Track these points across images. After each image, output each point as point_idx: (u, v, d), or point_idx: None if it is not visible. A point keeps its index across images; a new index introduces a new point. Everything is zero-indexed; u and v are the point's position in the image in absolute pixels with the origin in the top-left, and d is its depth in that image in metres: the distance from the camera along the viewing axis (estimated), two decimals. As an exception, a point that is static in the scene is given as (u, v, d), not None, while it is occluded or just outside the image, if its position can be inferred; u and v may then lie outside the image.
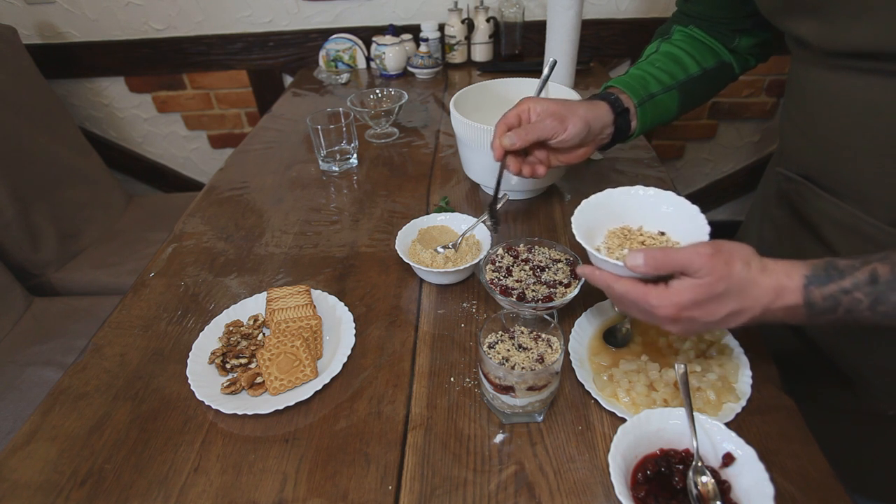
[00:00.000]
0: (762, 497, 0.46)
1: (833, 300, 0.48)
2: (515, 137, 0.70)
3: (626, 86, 0.77)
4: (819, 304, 0.49)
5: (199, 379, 0.67)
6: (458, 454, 0.59)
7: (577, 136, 0.71)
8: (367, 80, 1.63)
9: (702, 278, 0.49)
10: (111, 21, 1.73)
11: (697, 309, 0.50)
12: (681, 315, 0.50)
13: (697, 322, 0.51)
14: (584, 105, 0.73)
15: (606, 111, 0.74)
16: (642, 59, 0.83)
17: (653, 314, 0.52)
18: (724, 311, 0.50)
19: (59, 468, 0.60)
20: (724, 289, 0.49)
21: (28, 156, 1.43)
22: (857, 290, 0.47)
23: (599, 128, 0.73)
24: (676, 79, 0.78)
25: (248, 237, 0.95)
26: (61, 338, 1.21)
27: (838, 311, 0.48)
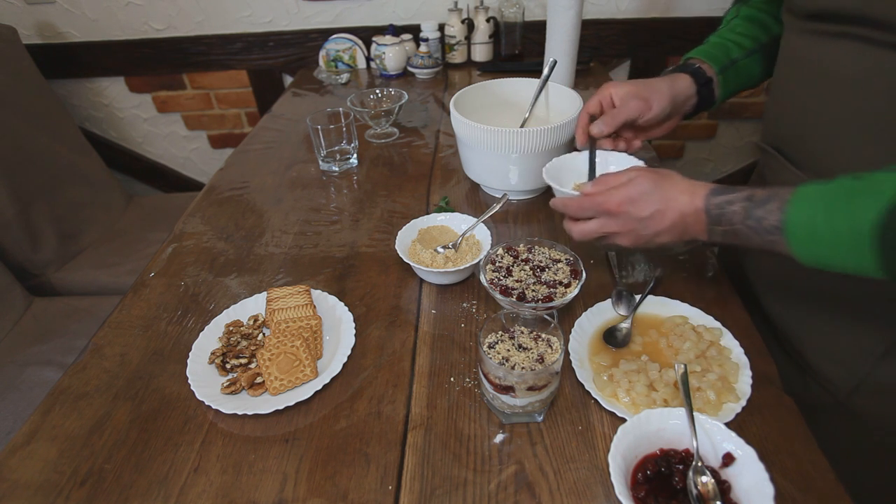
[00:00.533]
0: (762, 497, 0.46)
1: (720, 209, 0.57)
2: (603, 125, 0.76)
3: (706, 55, 0.78)
4: (712, 211, 0.58)
5: (199, 379, 0.67)
6: (458, 454, 0.59)
7: (662, 112, 0.76)
8: (367, 80, 1.63)
9: (632, 179, 0.62)
10: (111, 21, 1.73)
11: (631, 205, 0.61)
12: (620, 209, 0.62)
13: (632, 217, 0.61)
14: (666, 81, 0.77)
15: (689, 83, 0.77)
16: (722, 26, 0.82)
17: (601, 210, 0.63)
18: (650, 209, 0.61)
19: (59, 468, 0.60)
20: (650, 186, 0.61)
21: (28, 156, 1.43)
22: (737, 203, 0.56)
23: (683, 100, 0.78)
24: (759, 41, 0.78)
25: (248, 237, 0.95)
26: (61, 338, 1.21)
27: (723, 221, 0.57)
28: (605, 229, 0.64)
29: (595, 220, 0.65)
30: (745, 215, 0.56)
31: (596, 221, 0.65)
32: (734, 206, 0.56)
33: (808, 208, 0.51)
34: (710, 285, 0.78)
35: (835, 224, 0.49)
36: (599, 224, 0.64)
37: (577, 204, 0.66)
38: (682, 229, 0.61)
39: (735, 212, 0.56)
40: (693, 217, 0.60)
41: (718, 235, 0.59)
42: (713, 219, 0.58)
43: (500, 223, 0.93)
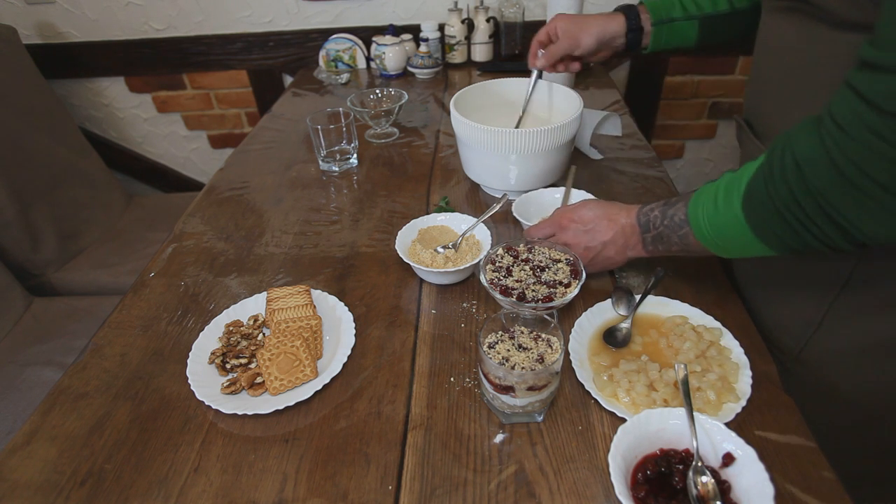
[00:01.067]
0: (762, 497, 0.46)
1: (646, 216, 0.67)
2: (544, 60, 0.92)
3: (651, 5, 0.88)
4: (641, 219, 0.68)
5: (199, 379, 0.67)
6: (458, 454, 0.59)
7: (588, 49, 0.90)
8: (367, 80, 1.63)
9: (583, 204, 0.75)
10: (111, 21, 1.73)
11: (579, 220, 0.73)
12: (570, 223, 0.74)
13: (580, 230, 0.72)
14: (601, 20, 0.89)
15: (621, 26, 0.89)
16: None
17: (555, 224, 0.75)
18: (594, 222, 0.72)
19: (59, 468, 0.60)
20: (595, 206, 0.73)
21: (28, 156, 1.43)
22: (656, 209, 0.66)
23: (610, 39, 0.90)
24: (702, 10, 0.86)
25: (248, 237, 0.95)
26: (61, 338, 1.21)
27: (649, 227, 0.67)
28: (560, 240, 0.74)
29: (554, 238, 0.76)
30: (662, 216, 0.65)
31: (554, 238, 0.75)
32: (655, 212, 0.67)
33: (704, 201, 0.60)
34: (710, 285, 0.78)
35: (720, 213, 0.58)
36: (545, 232, 0.76)
37: (537, 225, 0.78)
38: (623, 241, 0.70)
39: (656, 216, 0.66)
40: (629, 228, 0.69)
41: (650, 243, 0.68)
42: (643, 226, 0.68)
43: (500, 223, 0.93)
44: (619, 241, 0.70)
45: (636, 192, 1.00)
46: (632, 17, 0.89)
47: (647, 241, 0.68)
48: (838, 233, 0.50)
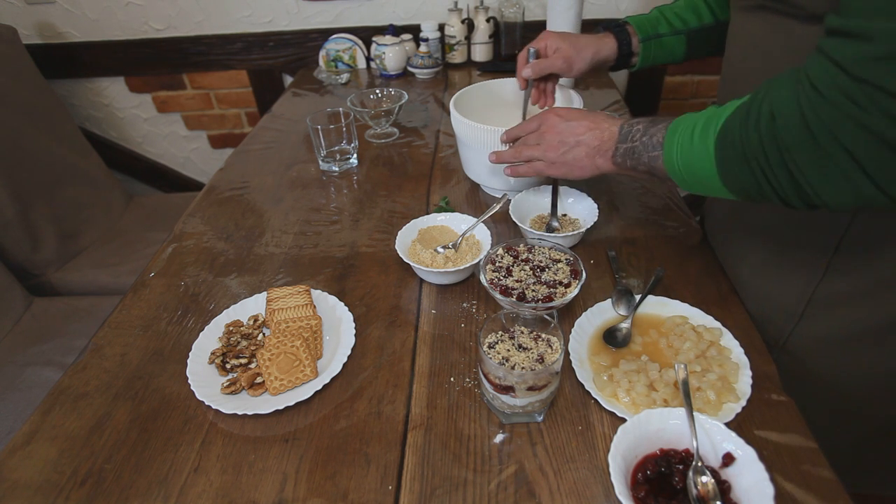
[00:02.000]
0: (762, 497, 0.46)
1: (630, 126, 0.67)
2: (531, 71, 0.90)
3: (637, 23, 0.89)
4: (624, 128, 0.67)
5: (199, 379, 0.67)
6: (458, 454, 0.59)
7: (580, 72, 0.90)
8: (367, 80, 1.63)
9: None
10: (111, 21, 1.73)
11: (564, 110, 0.74)
12: (556, 111, 0.74)
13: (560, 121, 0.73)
14: (594, 43, 0.89)
15: (613, 50, 0.90)
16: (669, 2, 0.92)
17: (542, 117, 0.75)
18: (580, 116, 0.72)
19: (59, 468, 0.60)
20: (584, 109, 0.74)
21: (28, 156, 1.43)
22: (641, 123, 0.66)
23: (602, 62, 0.90)
24: (688, 25, 0.87)
25: (248, 237, 0.95)
26: (61, 338, 1.21)
27: (628, 138, 0.67)
28: (540, 131, 0.75)
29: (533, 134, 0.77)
30: (643, 132, 0.65)
31: (533, 134, 0.77)
32: (639, 126, 0.66)
33: (682, 130, 0.60)
34: (711, 285, 0.78)
35: (694, 145, 0.58)
36: (529, 126, 0.77)
37: (524, 123, 0.79)
38: (596, 144, 0.70)
39: (638, 129, 0.66)
40: (608, 134, 0.69)
41: (620, 154, 0.68)
42: (622, 135, 0.68)
43: (500, 223, 0.93)
44: (593, 142, 0.70)
45: (636, 191, 1.00)
46: (622, 38, 0.89)
47: (619, 152, 0.68)
48: (795, 191, 0.50)
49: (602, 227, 0.91)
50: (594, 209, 0.87)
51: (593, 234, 0.89)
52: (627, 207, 0.96)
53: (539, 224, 0.89)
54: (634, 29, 0.89)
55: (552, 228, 0.86)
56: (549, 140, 0.73)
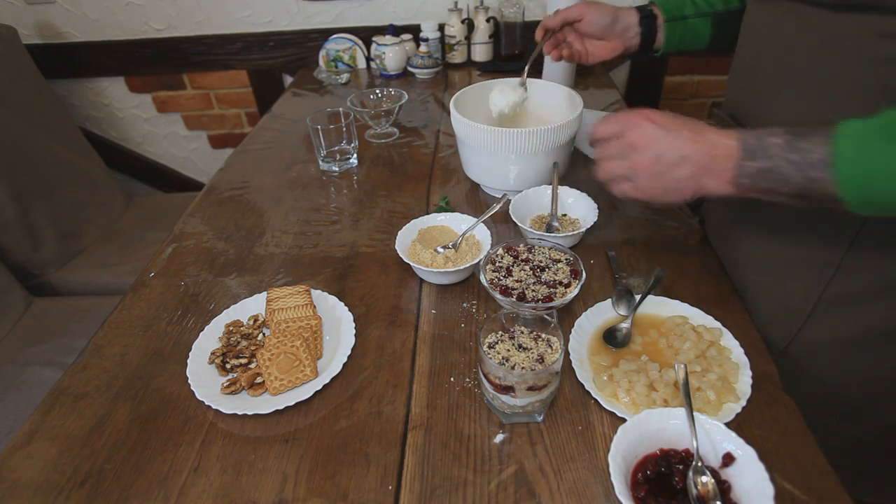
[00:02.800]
0: (762, 497, 0.46)
1: (758, 139, 0.54)
2: (552, 18, 0.87)
3: (661, 2, 0.85)
4: (748, 141, 0.54)
5: (199, 379, 0.67)
6: (458, 454, 0.59)
7: (598, 21, 0.85)
8: (367, 80, 1.63)
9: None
10: (111, 21, 1.73)
11: (658, 115, 0.59)
12: (648, 116, 0.59)
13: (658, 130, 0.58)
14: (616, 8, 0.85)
15: (634, 14, 0.85)
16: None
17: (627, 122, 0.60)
18: (679, 125, 0.57)
19: (59, 468, 0.60)
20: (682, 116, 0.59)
21: (28, 156, 1.43)
22: (778, 136, 0.53)
23: (624, 24, 0.85)
24: (714, 7, 0.83)
25: (248, 237, 0.95)
26: (61, 338, 1.21)
27: (758, 154, 0.53)
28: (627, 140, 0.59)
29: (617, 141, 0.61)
30: (786, 147, 0.51)
31: (617, 142, 0.61)
32: (774, 139, 0.52)
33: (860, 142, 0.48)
34: (711, 285, 0.78)
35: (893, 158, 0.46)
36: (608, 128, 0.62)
37: (600, 122, 0.63)
38: (706, 162, 0.56)
39: (775, 144, 0.52)
40: (723, 149, 0.55)
41: (750, 175, 0.54)
42: (748, 151, 0.54)
43: (500, 223, 0.93)
44: (702, 159, 0.56)
45: (636, 192, 1.00)
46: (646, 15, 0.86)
47: (745, 172, 0.54)
48: None
49: (602, 227, 0.91)
50: (594, 209, 0.87)
51: (593, 234, 0.89)
52: (627, 207, 0.96)
53: (539, 224, 0.89)
54: (659, 9, 0.85)
55: (552, 228, 0.86)
56: (641, 155, 0.58)
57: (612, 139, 0.61)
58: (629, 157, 0.59)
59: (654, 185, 0.59)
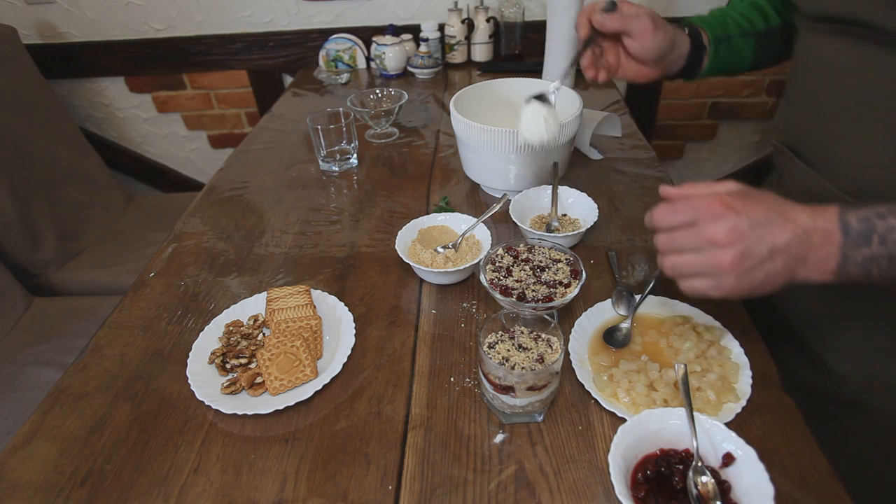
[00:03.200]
0: (762, 497, 0.46)
1: (866, 222, 0.46)
2: (609, 19, 0.70)
3: (704, 22, 0.78)
4: (853, 225, 0.47)
5: (199, 379, 0.67)
6: (458, 454, 0.59)
7: (657, 48, 0.72)
8: (367, 80, 1.63)
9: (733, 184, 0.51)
10: (111, 21, 1.73)
11: (740, 200, 0.48)
12: (729, 203, 0.48)
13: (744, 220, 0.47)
14: (673, 27, 0.75)
15: (686, 41, 0.76)
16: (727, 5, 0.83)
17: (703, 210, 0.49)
18: (765, 211, 0.48)
19: (59, 468, 0.60)
20: (757, 192, 0.50)
21: (28, 156, 1.43)
22: (893, 216, 0.46)
23: (676, 54, 0.75)
24: (756, 27, 0.78)
25: (248, 237, 0.95)
26: (61, 338, 1.21)
27: (873, 241, 0.46)
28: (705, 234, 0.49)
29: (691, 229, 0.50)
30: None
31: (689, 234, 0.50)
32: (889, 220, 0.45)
33: None
34: (710, 285, 0.78)
35: None
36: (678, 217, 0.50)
37: (665, 206, 0.52)
38: (800, 252, 0.48)
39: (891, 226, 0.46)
40: (821, 235, 0.48)
41: (855, 264, 0.47)
42: (855, 237, 0.47)
43: (500, 223, 0.93)
44: (796, 250, 0.48)
45: (636, 192, 1.00)
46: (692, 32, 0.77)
47: (851, 261, 0.47)
48: None
49: (602, 227, 0.91)
50: (594, 209, 0.87)
51: (593, 234, 0.89)
52: (627, 207, 0.96)
53: (539, 224, 0.89)
54: (703, 28, 0.78)
55: (552, 228, 0.86)
56: (724, 252, 0.48)
57: (680, 228, 0.51)
58: (709, 253, 0.49)
59: (740, 283, 0.49)
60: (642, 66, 0.75)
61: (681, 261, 0.51)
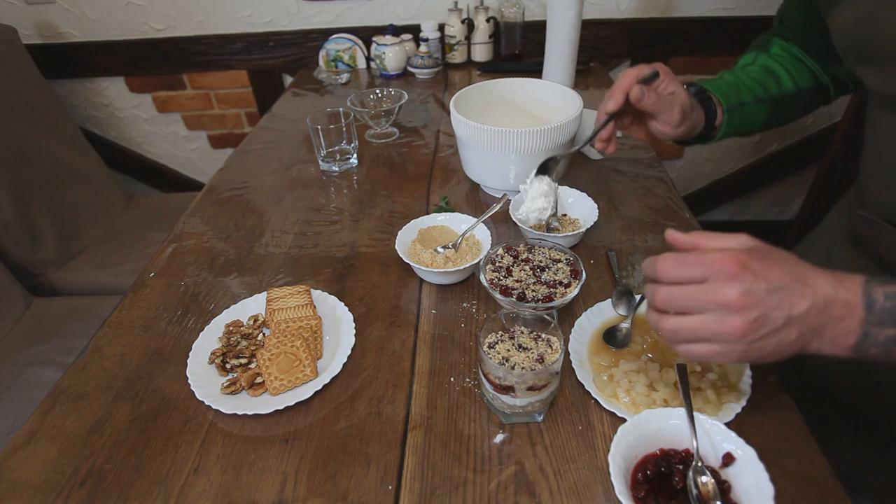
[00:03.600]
0: (762, 497, 0.46)
1: (893, 300, 0.43)
2: (646, 97, 0.67)
3: (718, 90, 0.76)
4: (878, 302, 0.43)
5: (199, 379, 0.67)
6: (458, 454, 0.59)
7: (677, 136, 0.73)
8: (367, 80, 1.63)
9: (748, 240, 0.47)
10: (111, 21, 1.73)
11: (759, 261, 0.44)
12: (746, 264, 0.43)
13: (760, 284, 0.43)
14: (697, 111, 0.73)
15: (702, 118, 0.75)
16: (737, 67, 0.81)
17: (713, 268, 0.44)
18: (785, 276, 0.44)
19: (59, 468, 0.60)
20: (773, 252, 0.46)
21: (28, 156, 1.43)
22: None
23: (690, 126, 0.73)
24: (770, 93, 0.77)
25: (248, 237, 0.95)
26: (61, 338, 1.21)
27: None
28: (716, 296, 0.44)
29: (699, 287, 0.45)
30: None
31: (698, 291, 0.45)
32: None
33: None
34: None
35: None
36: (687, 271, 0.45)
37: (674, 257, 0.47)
38: (817, 323, 0.44)
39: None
40: (840, 308, 0.44)
41: (876, 344, 0.44)
42: (879, 314, 0.43)
43: (500, 223, 0.93)
44: (813, 321, 0.44)
45: (636, 191, 1.00)
46: (708, 109, 0.75)
47: (872, 340, 0.44)
48: None
49: (602, 227, 0.91)
50: (594, 209, 0.87)
51: (593, 234, 0.89)
52: (627, 207, 0.96)
53: (539, 224, 0.89)
54: (717, 97, 0.76)
55: (552, 228, 0.86)
56: (736, 317, 0.44)
57: (687, 284, 0.45)
58: (718, 316, 0.44)
59: (749, 351, 0.45)
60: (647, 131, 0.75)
61: (685, 323, 0.46)
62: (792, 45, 0.79)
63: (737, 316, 0.43)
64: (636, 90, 0.67)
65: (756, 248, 0.46)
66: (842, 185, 1.70)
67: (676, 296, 0.46)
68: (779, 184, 2.00)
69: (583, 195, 0.90)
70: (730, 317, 0.44)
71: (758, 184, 2.00)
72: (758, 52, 0.82)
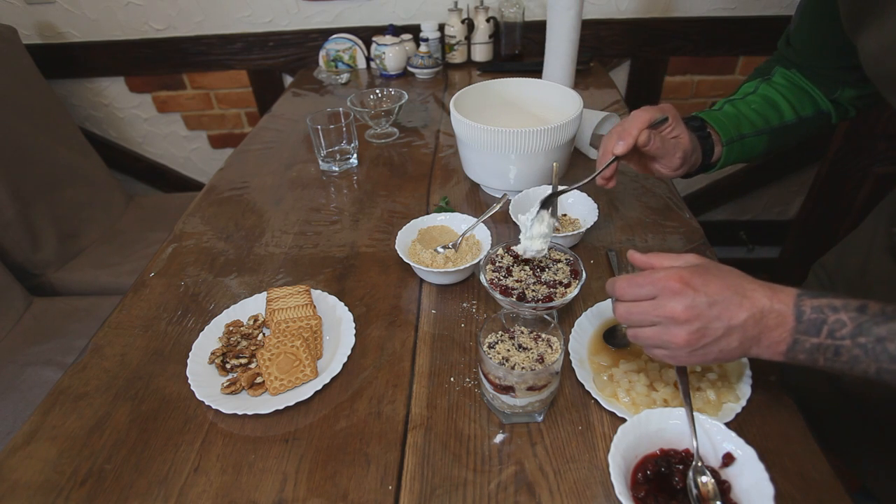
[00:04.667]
0: (762, 497, 0.46)
1: (819, 313, 0.47)
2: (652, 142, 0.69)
3: (718, 123, 0.76)
4: (806, 313, 0.47)
5: (199, 379, 0.67)
6: (458, 454, 0.59)
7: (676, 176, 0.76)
8: (367, 80, 1.63)
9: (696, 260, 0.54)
10: (111, 21, 1.73)
11: (699, 277, 0.50)
12: (688, 281, 0.49)
13: (701, 298, 0.49)
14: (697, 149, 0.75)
15: (699, 159, 0.76)
16: (738, 96, 0.80)
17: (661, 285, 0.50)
18: (723, 289, 0.49)
19: (59, 468, 0.60)
20: (717, 268, 0.51)
21: (28, 156, 1.43)
22: (845, 312, 0.46)
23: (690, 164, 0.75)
24: (770, 124, 0.77)
25: (248, 237, 0.95)
26: (61, 338, 1.21)
27: (822, 332, 0.47)
28: (663, 311, 0.50)
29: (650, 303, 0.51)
30: (857, 330, 0.45)
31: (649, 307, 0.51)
32: (840, 315, 0.46)
33: None
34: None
35: None
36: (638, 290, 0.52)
37: (627, 279, 0.53)
38: (756, 332, 0.49)
39: (841, 322, 0.46)
40: (775, 318, 0.48)
41: (805, 350, 0.48)
42: (807, 325, 0.47)
43: (500, 223, 0.93)
44: (751, 330, 0.49)
45: (636, 191, 1.00)
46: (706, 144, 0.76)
47: (799, 347, 0.48)
48: None
49: (602, 227, 0.91)
50: (594, 209, 0.87)
51: (593, 234, 0.89)
52: (627, 207, 0.96)
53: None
54: (717, 131, 0.76)
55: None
56: (680, 328, 0.50)
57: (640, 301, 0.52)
58: (666, 328, 0.51)
59: (693, 357, 0.51)
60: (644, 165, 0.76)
61: (641, 333, 0.53)
62: (794, 73, 0.78)
63: (682, 327, 0.50)
64: (644, 136, 0.68)
65: (699, 265, 0.52)
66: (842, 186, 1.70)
67: (633, 311, 0.53)
68: (779, 184, 2.00)
69: (583, 195, 0.90)
70: (676, 328, 0.50)
71: (758, 184, 2.00)
72: (759, 80, 0.81)
